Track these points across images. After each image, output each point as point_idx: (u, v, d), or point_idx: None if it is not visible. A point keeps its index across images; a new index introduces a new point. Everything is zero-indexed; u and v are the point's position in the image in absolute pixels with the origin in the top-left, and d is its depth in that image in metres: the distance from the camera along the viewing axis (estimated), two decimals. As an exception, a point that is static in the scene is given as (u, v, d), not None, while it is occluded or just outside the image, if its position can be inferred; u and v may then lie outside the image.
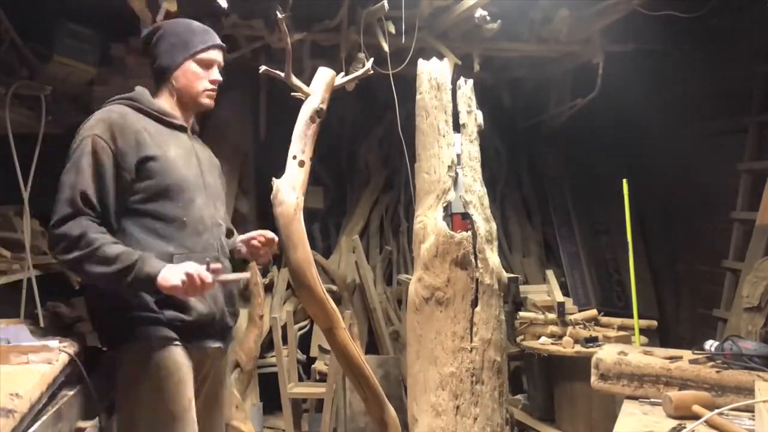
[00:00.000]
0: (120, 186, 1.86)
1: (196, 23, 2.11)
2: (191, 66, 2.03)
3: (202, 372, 1.99)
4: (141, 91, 2.04)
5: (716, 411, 1.95)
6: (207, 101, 2.06)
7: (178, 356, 1.87)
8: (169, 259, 1.85)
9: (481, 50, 4.22)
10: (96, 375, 2.01)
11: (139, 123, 1.92)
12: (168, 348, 1.86)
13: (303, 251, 1.74)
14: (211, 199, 2.02)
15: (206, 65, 2.05)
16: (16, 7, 3.62)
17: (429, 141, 3.07)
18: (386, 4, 3.49)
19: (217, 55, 2.08)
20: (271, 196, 1.77)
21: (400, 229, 5.08)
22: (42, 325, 2.44)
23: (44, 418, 1.65)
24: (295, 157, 1.82)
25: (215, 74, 2.07)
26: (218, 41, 2.09)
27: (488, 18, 3.59)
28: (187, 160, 1.99)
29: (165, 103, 2.04)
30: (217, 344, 2.00)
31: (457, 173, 3.05)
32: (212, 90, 2.06)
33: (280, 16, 1.86)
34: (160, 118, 1.99)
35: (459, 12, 3.67)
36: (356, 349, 1.89)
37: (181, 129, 2.04)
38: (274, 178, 1.81)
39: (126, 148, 1.86)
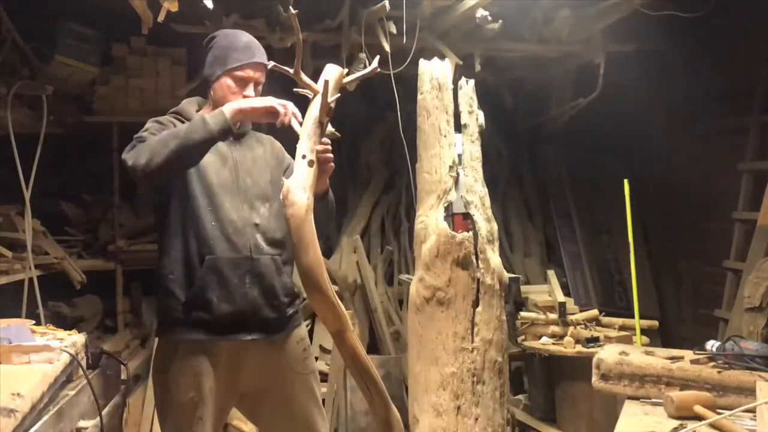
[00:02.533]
0: None
1: (243, 38, 2.17)
2: (227, 81, 2.11)
3: (243, 363, 2.10)
4: (185, 104, 2.19)
5: (722, 416, 1.94)
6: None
7: (191, 352, 2.03)
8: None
9: (483, 50, 4.21)
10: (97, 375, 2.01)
11: None
12: (184, 346, 2.03)
13: (314, 254, 1.69)
14: (246, 201, 2.10)
15: (241, 81, 2.11)
16: (18, 6, 3.63)
17: (430, 141, 3.07)
18: (387, 5, 3.48)
19: (253, 73, 2.13)
20: (281, 197, 1.74)
21: (401, 230, 5.07)
22: (43, 324, 2.44)
23: (46, 417, 1.65)
24: (304, 157, 1.79)
25: (249, 91, 2.12)
26: (257, 59, 2.14)
27: (489, 18, 3.59)
28: (219, 165, 2.09)
29: (206, 112, 2.11)
30: (251, 336, 2.09)
31: (458, 173, 3.04)
32: None
33: (293, 11, 1.84)
34: None
35: (460, 12, 3.67)
36: (364, 351, 1.88)
37: None
38: (284, 178, 1.78)
39: None
